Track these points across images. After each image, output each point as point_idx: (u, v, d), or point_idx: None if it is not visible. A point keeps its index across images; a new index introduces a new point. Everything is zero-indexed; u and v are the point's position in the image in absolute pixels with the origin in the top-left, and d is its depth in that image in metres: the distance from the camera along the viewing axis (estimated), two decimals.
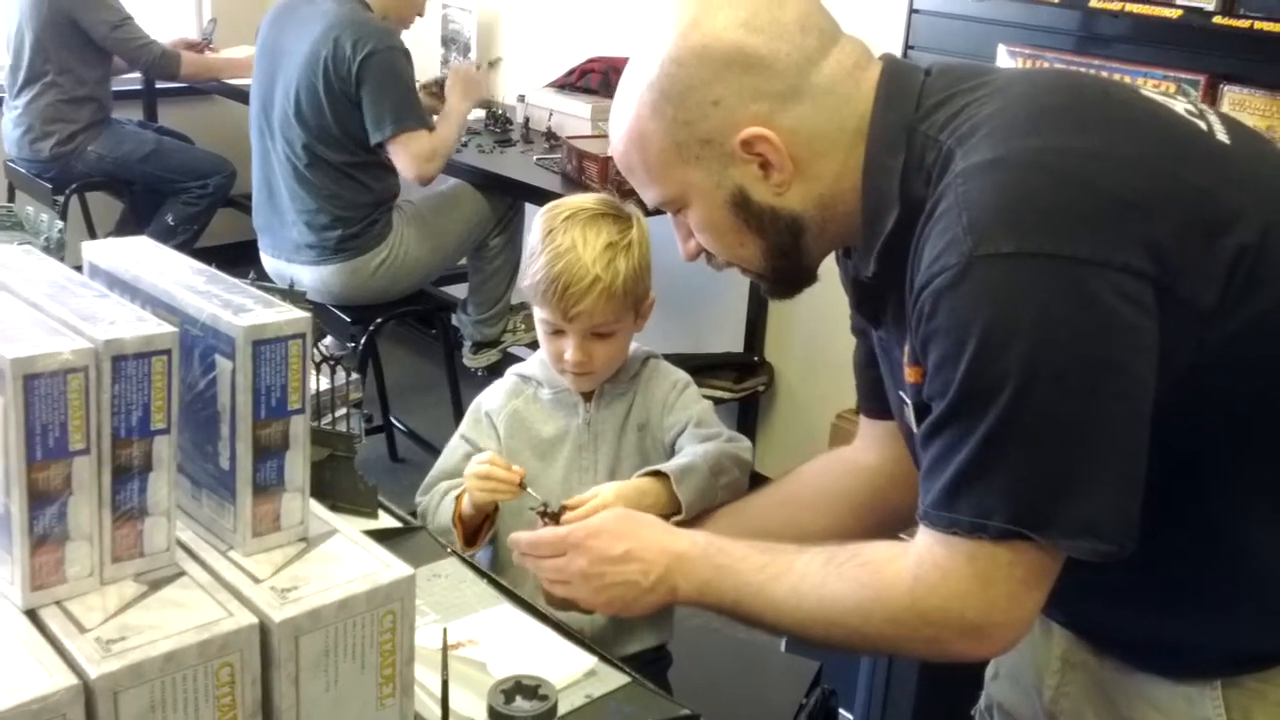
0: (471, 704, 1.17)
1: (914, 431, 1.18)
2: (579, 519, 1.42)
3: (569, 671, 1.26)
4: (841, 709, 1.95)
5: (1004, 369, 1.02)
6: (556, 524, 1.43)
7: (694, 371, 1.72)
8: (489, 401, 1.68)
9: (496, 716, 1.11)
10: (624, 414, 1.66)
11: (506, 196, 3.46)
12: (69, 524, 0.82)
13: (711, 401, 1.72)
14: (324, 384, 1.39)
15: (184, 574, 0.88)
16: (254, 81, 3.32)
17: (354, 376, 1.58)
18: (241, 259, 2.86)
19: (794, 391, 3.50)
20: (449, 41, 4.30)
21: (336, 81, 3.06)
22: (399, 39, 3.17)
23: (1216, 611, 1.16)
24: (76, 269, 1.00)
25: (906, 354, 1.16)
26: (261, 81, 3.27)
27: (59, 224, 1.84)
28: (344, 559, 0.91)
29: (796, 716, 1.67)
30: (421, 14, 3.40)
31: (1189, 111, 1.15)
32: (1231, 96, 2.21)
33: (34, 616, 0.82)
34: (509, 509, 1.56)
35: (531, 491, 1.50)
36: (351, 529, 0.96)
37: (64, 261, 1.02)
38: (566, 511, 1.46)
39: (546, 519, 1.46)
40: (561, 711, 1.16)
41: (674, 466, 1.54)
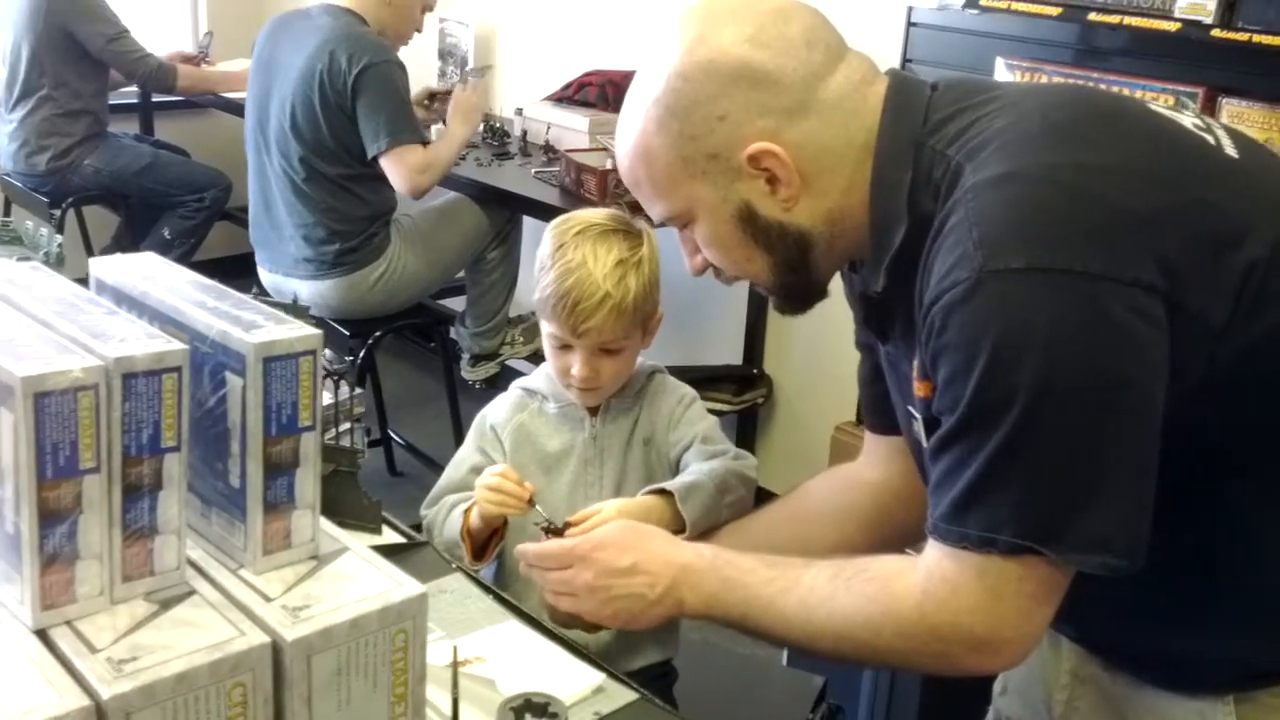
0: None
1: (923, 446, 1.18)
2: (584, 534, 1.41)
3: (577, 688, 1.25)
4: None
5: (1015, 384, 1.02)
6: None
7: (693, 384, 1.71)
8: (494, 415, 1.68)
9: None
10: (630, 429, 1.65)
11: (504, 209, 3.46)
12: (79, 543, 0.82)
13: (716, 417, 1.72)
14: (326, 399, 1.38)
15: (194, 593, 0.87)
16: (249, 96, 3.32)
17: (357, 391, 1.57)
18: (238, 272, 2.86)
19: (793, 404, 3.50)
20: (446, 55, 4.30)
21: (333, 95, 3.06)
22: (395, 53, 3.17)
23: (1229, 625, 1.16)
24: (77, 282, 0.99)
25: (916, 369, 1.16)
26: (257, 96, 3.27)
27: (58, 238, 1.84)
28: (355, 577, 0.91)
29: None
30: (420, 30, 3.40)
31: (1197, 126, 1.15)
32: (1230, 109, 2.21)
33: (44, 636, 0.82)
34: (517, 524, 1.55)
35: (539, 509, 1.49)
36: (361, 546, 0.95)
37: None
38: (570, 529, 1.45)
39: (551, 536, 1.45)
40: None
41: (679, 485, 1.53)
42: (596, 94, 3.64)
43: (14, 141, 4.07)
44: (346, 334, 3.28)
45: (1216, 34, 2.21)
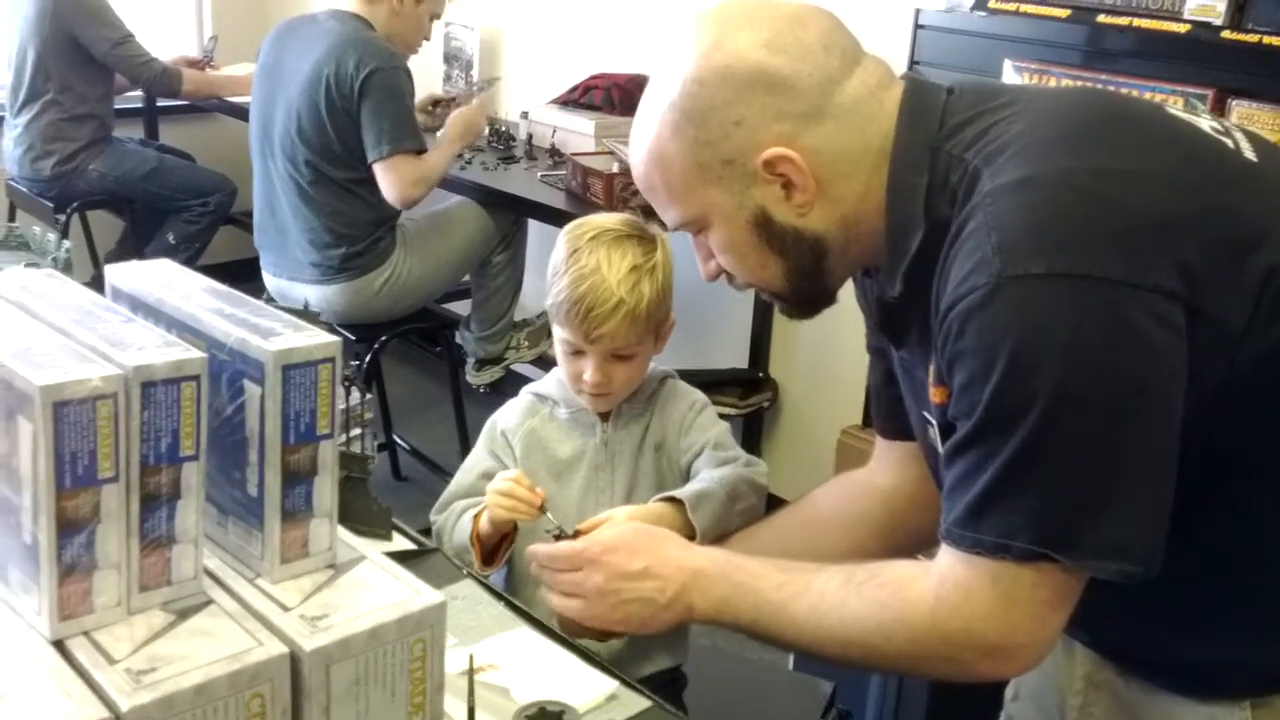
0: None
1: (938, 451, 1.17)
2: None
3: (590, 696, 1.25)
4: None
5: (1033, 390, 1.01)
6: None
7: (698, 387, 1.71)
8: (505, 420, 1.67)
9: None
10: (641, 434, 1.65)
11: (510, 213, 3.45)
12: (97, 553, 0.81)
13: (727, 423, 1.72)
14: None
15: (212, 602, 0.87)
16: (253, 101, 3.31)
17: (368, 396, 1.57)
18: (243, 277, 2.84)
19: (799, 407, 3.49)
20: (451, 58, 4.30)
21: (339, 99, 3.05)
22: (403, 60, 3.17)
23: (1244, 630, 1.15)
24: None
25: (932, 374, 1.15)
26: (262, 100, 3.26)
27: (66, 244, 1.84)
28: (373, 586, 0.90)
29: None
30: (428, 38, 3.40)
31: (1215, 129, 1.15)
32: (1240, 111, 2.20)
33: (61, 647, 0.81)
34: (527, 530, 1.55)
35: (550, 515, 1.49)
36: (378, 554, 0.95)
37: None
38: (580, 536, 1.45)
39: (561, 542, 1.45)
40: None
41: (689, 492, 1.53)
42: (602, 97, 3.64)
43: (19, 146, 4.06)
44: (352, 338, 3.27)
45: (1226, 35, 2.21)
